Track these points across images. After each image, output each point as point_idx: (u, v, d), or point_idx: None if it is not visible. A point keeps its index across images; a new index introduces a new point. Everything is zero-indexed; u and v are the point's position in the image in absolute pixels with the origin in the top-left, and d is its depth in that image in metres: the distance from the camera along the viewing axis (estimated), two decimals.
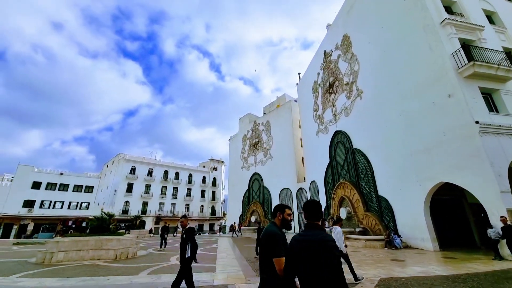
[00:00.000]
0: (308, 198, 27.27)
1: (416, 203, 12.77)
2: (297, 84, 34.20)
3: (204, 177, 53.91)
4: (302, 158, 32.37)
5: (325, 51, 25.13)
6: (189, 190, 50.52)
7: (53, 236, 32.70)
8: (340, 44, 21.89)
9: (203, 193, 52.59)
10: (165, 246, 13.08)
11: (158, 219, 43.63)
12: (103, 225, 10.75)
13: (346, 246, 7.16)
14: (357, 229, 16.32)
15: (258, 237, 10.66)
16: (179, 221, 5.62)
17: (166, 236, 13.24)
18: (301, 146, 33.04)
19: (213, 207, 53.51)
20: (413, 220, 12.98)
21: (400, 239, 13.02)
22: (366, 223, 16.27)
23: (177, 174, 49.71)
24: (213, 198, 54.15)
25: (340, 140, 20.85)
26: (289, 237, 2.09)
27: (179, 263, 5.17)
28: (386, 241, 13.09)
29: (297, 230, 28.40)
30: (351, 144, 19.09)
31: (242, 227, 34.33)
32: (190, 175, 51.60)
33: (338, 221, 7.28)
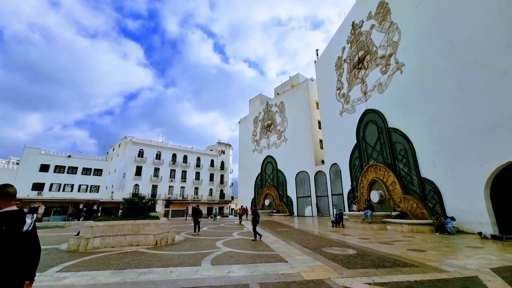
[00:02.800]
0: (328, 181, 26.42)
1: (474, 185, 11.64)
2: (315, 61, 32.10)
3: (212, 161, 52.99)
4: (320, 140, 31.11)
5: (353, 23, 22.94)
6: (197, 174, 49.78)
7: (65, 219, 32.27)
8: (374, 12, 19.75)
9: (211, 177, 51.92)
10: (198, 230, 12.12)
11: (168, 203, 43.30)
12: (137, 208, 9.66)
13: None
14: (394, 213, 15.40)
15: (254, 218, 10.58)
16: None
17: (199, 219, 12.26)
18: (319, 128, 31.67)
19: (221, 190, 53.09)
20: (469, 204, 11.92)
21: (452, 224, 12.05)
22: (404, 206, 15.30)
23: (185, 157, 48.69)
24: (222, 181, 53.60)
25: (371, 120, 19.42)
26: None
27: None
28: (437, 226, 12.14)
29: (315, 213, 27.83)
30: (386, 123, 17.70)
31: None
32: (198, 159, 50.63)
33: None
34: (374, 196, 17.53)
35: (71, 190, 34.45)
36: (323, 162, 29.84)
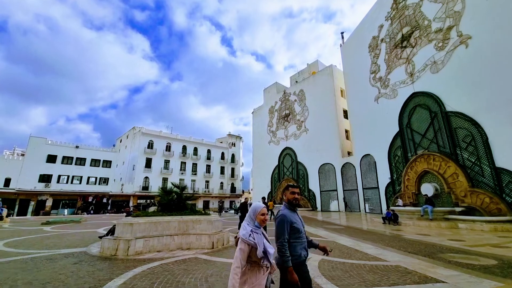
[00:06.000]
0: (358, 174, 24.34)
1: None
2: (340, 45, 29.62)
3: (222, 153, 51.09)
4: (346, 130, 28.92)
5: None
6: (208, 167, 47.95)
7: (75, 212, 30.62)
8: None
9: (222, 170, 50.10)
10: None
11: None
12: (180, 202, 7.67)
13: None
14: (458, 209, 13.35)
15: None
16: None
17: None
18: (345, 117, 29.45)
19: (232, 184, 51.36)
20: None
21: None
22: (472, 201, 13.23)
23: (195, 149, 46.79)
24: (232, 175, 51.81)
25: (420, 104, 17.20)
26: None
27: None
28: None
29: (342, 208, 25.89)
30: (443, 107, 15.47)
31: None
32: (209, 151, 48.73)
33: None
34: (427, 190, 15.45)
35: (80, 182, 32.73)
36: (349, 153, 27.77)
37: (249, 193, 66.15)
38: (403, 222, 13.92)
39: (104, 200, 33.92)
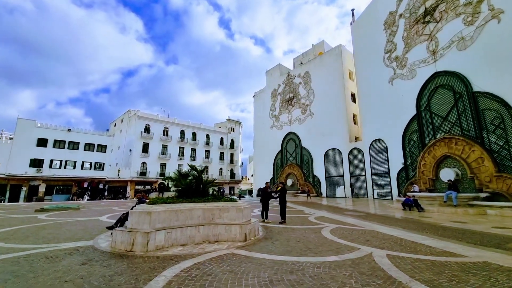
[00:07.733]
0: (368, 159, 23.62)
1: None
2: (351, 23, 27.81)
3: (222, 139, 49.73)
4: (354, 115, 27.88)
5: None
6: (207, 152, 46.72)
7: (70, 198, 29.35)
8: None
9: (221, 156, 48.98)
10: (266, 217, 9.13)
11: None
12: (200, 186, 6.55)
13: None
14: (483, 194, 12.71)
15: (282, 198, 9.05)
16: None
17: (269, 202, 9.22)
18: (352, 101, 28.31)
19: (232, 170, 50.50)
20: None
21: None
22: (498, 186, 12.59)
23: (194, 134, 45.27)
24: (232, 160, 50.81)
25: (443, 84, 16.11)
26: None
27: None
28: None
29: (348, 194, 25.41)
30: (469, 87, 14.43)
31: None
32: (208, 136, 47.27)
33: None
34: (448, 175, 14.72)
35: (74, 167, 31.16)
36: (356, 139, 26.92)
37: (248, 179, 65.73)
38: (430, 209, 13.24)
39: (101, 186, 32.62)
